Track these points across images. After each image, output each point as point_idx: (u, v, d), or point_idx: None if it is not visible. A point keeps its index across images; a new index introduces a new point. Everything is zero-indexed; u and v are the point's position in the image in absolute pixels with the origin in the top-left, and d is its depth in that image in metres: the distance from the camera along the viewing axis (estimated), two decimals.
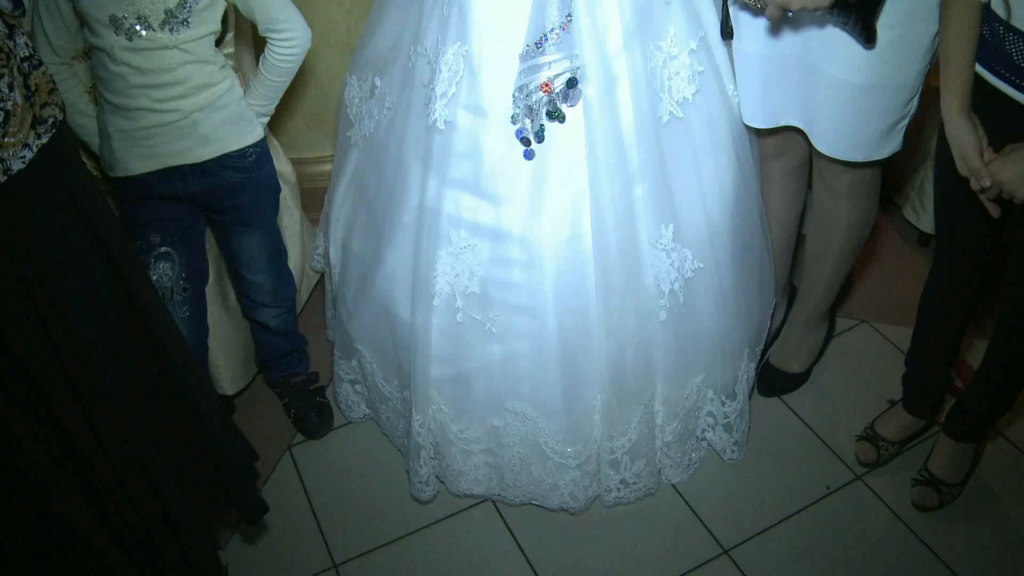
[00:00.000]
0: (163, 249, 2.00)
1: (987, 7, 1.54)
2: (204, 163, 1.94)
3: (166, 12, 1.77)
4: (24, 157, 1.32)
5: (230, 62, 1.97)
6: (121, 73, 1.80)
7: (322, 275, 2.51)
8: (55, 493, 1.45)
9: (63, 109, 1.43)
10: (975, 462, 2.15)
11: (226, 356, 2.29)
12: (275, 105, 2.03)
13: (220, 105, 1.91)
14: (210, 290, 2.18)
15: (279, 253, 2.20)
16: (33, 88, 1.36)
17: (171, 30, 1.79)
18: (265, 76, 1.96)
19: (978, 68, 1.59)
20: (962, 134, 1.59)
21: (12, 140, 1.30)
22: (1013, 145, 1.55)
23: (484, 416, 1.99)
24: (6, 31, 1.32)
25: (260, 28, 1.91)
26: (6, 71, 1.29)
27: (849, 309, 2.64)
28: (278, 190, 2.15)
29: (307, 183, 2.57)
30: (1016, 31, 1.50)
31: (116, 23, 1.75)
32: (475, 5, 1.74)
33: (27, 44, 1.38)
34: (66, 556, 1.51)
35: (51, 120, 1.39)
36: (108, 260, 1.49)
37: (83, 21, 1.80)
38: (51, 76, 1.42)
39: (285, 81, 1.99)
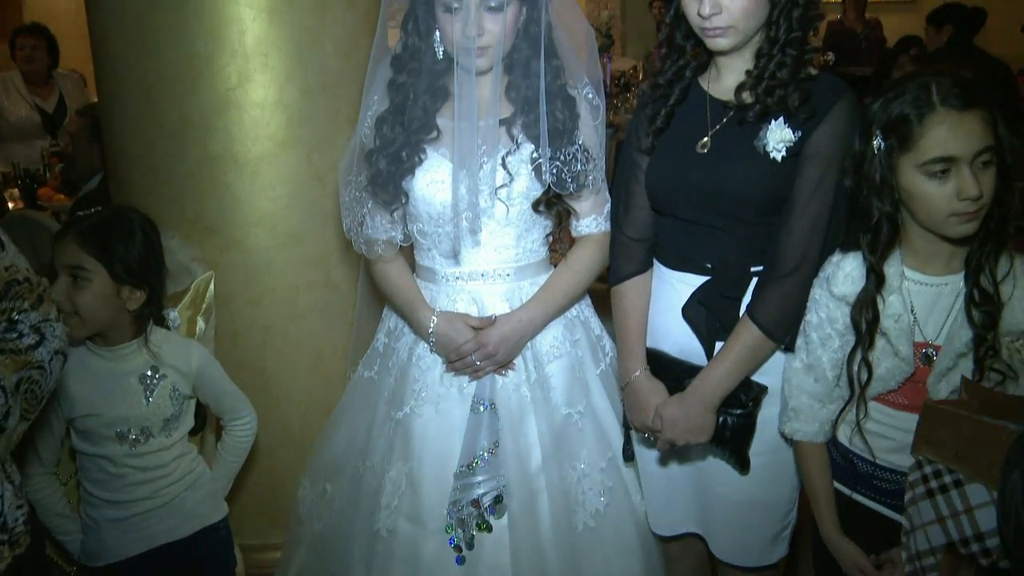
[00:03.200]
0: None
1: (833, 439, 1.85)
2: (186, 538, 2.15)
3: (164, 420, 2.07)
4: None
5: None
6: (122, 474, 2.05)
7: None
8: None
9: (25, 547, 1.55)
10: None
11: None
12: (230, 485, 2.31)
13: (199, 485, 2.18)
14: None
15: None
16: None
17: (167, 434, 2.08)
18: (225, 457, 2.26)
19: (839, 487, 1.86)
20: (846, 551, 1.81)
21: None
22: (887, 554, 1.75)
23: None
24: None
25: (224, 417, 2.25)
26: None
27: None
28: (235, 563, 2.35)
29: (253, 569, 2.73)
30: (858, 456, 1.80)
31: (121, 436, 2.03)
32: (417, 432, 2.06)
33: (20, 507, 1.54)
34: None
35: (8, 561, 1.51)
36: None
37: (80, 435, 2.04)
38: (24, 519, 1.56)
39: (240, 461, 2.30)
